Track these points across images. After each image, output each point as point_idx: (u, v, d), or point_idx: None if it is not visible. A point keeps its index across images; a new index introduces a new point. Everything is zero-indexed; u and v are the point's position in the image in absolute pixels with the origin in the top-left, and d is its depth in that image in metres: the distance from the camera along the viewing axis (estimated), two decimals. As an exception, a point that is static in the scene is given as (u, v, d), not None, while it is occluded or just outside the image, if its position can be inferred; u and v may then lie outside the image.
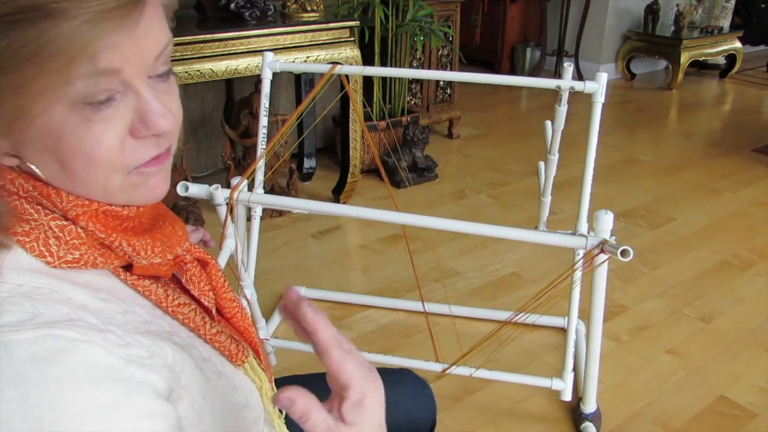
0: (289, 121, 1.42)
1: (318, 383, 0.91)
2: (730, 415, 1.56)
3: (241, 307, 0.66)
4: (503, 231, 1.19)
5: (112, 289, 0.53)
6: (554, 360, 1.73)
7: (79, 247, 0.51)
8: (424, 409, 0.91)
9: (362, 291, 2.04)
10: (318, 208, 1.28)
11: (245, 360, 0.62)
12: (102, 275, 0.54)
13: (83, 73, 0.44)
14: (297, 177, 2.63)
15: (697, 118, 3.92)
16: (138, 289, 0.55)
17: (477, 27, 4.80)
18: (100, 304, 0.50)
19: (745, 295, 2.06)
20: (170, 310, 0.56)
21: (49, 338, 0.43)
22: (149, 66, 0.49)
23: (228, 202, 1.27)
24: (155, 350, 0.50)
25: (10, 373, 0.41)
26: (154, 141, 0.51)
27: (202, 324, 0.58)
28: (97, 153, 0.47)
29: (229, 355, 0.60)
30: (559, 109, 1.57)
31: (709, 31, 4.51)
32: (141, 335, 0.50)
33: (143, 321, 0.53)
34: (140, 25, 0.46)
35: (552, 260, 2.19)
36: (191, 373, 0.53)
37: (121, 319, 0.51)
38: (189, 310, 0.58)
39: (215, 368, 0.58)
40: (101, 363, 0.44)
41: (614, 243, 1.12)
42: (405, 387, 0.91)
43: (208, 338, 0.59)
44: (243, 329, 0.66)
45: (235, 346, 0.61)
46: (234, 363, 0.61)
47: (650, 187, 2.88)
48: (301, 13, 2.32)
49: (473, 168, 3.06)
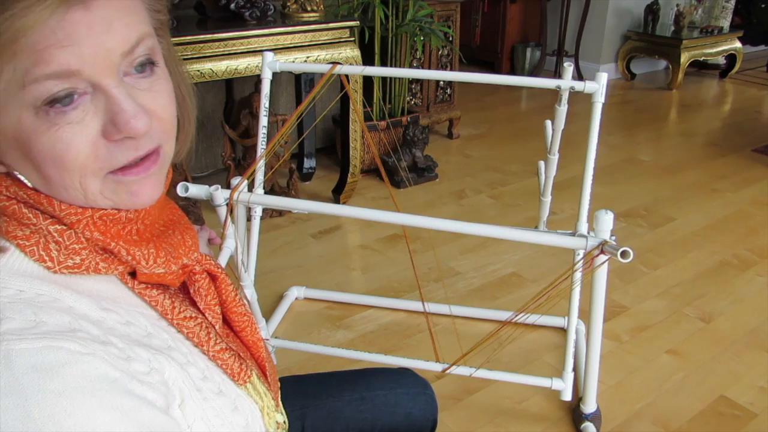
0: (289, 121, 1.42)
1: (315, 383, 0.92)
2: (730, 415, 1.56)
3: (251, 322, 0.65)
4: (503, 231, 1.19)
5: (118, 297, 0.52)
6: (554, 360, 1.73)
7: (80, 252, 0.50)
8: (425, 409, 0.91)
9: (362, 291, 2.04)
10: (318, 209, 1.28)
11: (248, 380, 0.60)
12: (108, 281, 0.52)
13: (36, 76, 0.42)
14: (297, 177, 2.63)
15: (697, 118, 3.92)
16: (144, 298, 0.54)
17: (477, 27, 4.79)
18: (102, 314, 0.49)
19: (745, 295, 2.06)
20: (175, 323, 0.55)
21: (52, 350, 0.42)
22: (116, 63, 0.46)
23: (228, 203, 1.27)
24: (155, 365, 0.49)
25: (10, 382, 0.40)
26: (132, 143, 0.48)
27: (207, 339, 0.57)
28: (67, 157, 0.45)
29: (232, 374, 0.59)
30: (559, 109, 1.57)
31: (709, 31, 4.51)
32: (141, 348, 0.49)
33: (145, 334, 0.52)
34: (96, 19, 0.44)
35: (552, 260, 2.19)
36: (188, 392, 0.52)
37: (123, 330, 0.50)
38: (194, 324, 0.56)
39: (215, 388, 0.56)
40: (104, 376, 0.44)
41: (614, 244, 1.12)
42: (406, 388, 0.91)
43: (211, 355, 0.57)
44: (251, 344, 0.65)
45: (239, 364, 0.59)
46: (236, 382, 0.59)
47: (650, 187, 2.88)
48: (301, 13, 2.32)
49: (473, 168, 3.06)
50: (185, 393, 0.52)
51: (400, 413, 0.88)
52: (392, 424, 0.88)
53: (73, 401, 0.41)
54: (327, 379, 0.91)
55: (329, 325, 1.87)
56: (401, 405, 0.89)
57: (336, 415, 0.86)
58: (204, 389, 0.54)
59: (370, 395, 0.88)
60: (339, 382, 0.90)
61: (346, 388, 0.89)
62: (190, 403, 0.52)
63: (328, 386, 0.89)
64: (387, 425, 0.87)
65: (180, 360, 0.53)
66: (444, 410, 1.54)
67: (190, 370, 0.54)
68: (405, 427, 0.89)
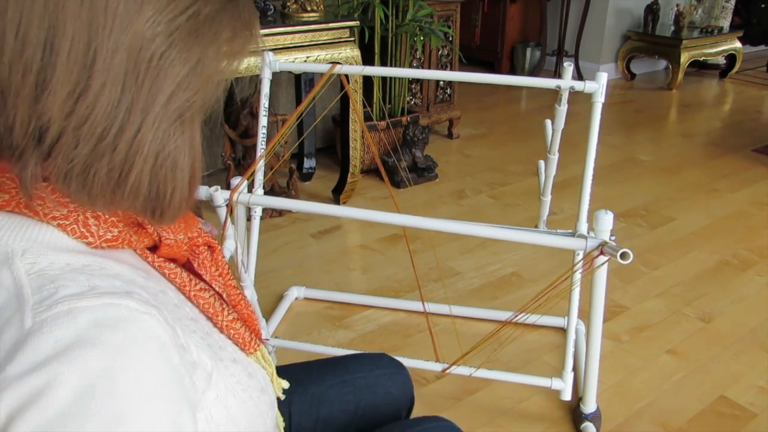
0: (289, 121, 1.42)
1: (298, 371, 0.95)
2: (730, 415, 1.56)
3: (244, 296, 0.68)
4: (503, 232, 1.19)
5: (146, 270, 0.55)
6: (554, 360, 1.73)
7: (117, 224, 0.52)
8: (402, 388, 0.96)
9: (362, 291, 2.04)
10: (318, 210, 1.28)
11: (257, 348, 0.63)
12: (133, 256, 0.55)
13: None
14: (297, 177, 2.63)
15: (697, 118, 3.92)
16: (164, 272, 0.56)
17: (477, 27, 4.80)
18: (144, 281, 0.52)
19: (745, 295, 2.06)
20: (192, 294, 0.57)
21: (113, 306, 0.44)
22: None
23: (228, 204, 1.27)
24: (188, 335, 0.52)
25: (75, 337, 0.42)
26: None
27: (221, 310, 0.59)
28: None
29: (243, 344, 0.61)
30: (559, 108, 1.57)
31: (709, 31, 4.51)
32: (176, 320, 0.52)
33: (174, 304, 0.54)
34: None
35: (552, 260, 2.19)
36: (211, 362, 0.54)
37: (162, 299, 0.52)
38: (209, 296, 0.59)
39: (231, 356, 0.59)
40: (157, 337, 0.46)
41: (614, 245, 1.12)
42: (383, 369, 0.96)
43: (224, 325, 0.59)
44: (246, 316, 0.68)
45: (249, 334, 0.62)
46: (246, 351, 0.62)
47: (650, 187, 2.88)
48: (301, 13, 2.32)
49: (473, 168, 3.06)
50: (208, 364, 0.54)
51: (380, 393, 0.93)
52: (374, 403, 0.93)
53: (128, 356, 0.43)
54: (308, 366, 0.95)
55: (329, 325, 1.87)
56: (380, 385, 0.94)
57: (320, 399, 0.90)
58: (224, 358, 0.57)
59: (350, 378, 0.93)
60: (320, 368, 0.94)
61: (327, 373, 0.93)
62: (214, 373, 0.54)
63: (310, 373, 0.93)
64: (369, 405, 0.92)
65: (200, 331, 0.56)
66: (444, 410, 1.54)
67: (209, 340, 0.56)
68: (386, 405, 0.94)
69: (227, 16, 0.49)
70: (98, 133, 0.45)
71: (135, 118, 0.46)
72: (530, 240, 1.20)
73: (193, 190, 0.52)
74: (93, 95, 0.44)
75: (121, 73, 0.45)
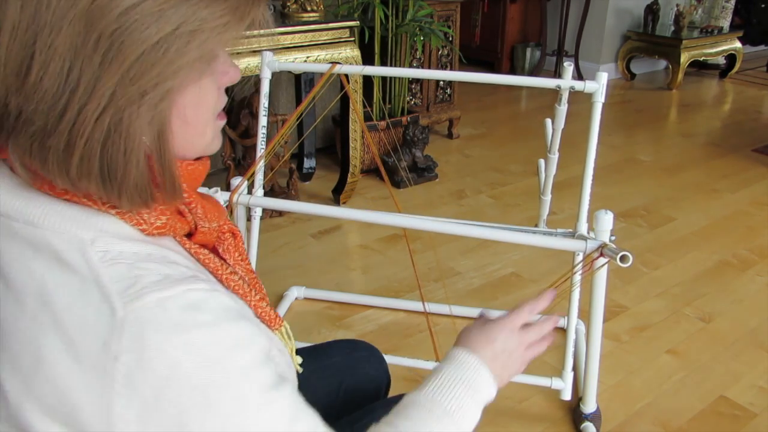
0: (289, 121, 1.42)
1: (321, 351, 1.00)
2: (730, 415, 1.56)
3: (259, 280, 0.71)
4: (503, 234, 1.20)
5: (185, 256, 0.57)
6: (554, 360, 1.73)
7: (165, 212, 0.55)
8: (379, 368, 1.02)
9: (362, 291, 2.04)
10: (318, 211, 1.28)
11: (282, 324, 0.67)
12: (173, 243, 0.57)
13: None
14: (297, 177, 2.63)
15: (696, 118, 3.92)
16: (199, 257, 0.58)
17: (477, 27, 4.79)
18: (194, 266, 0.55)
19: (745, 295, 2.06)
20: (224, 278, 0.59)
21: (190, 291, 0.50)
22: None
23: (228, 205, 1.27)
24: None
25: (171, 323, 0.47)
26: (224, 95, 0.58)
27: (249, 291, 0.62)
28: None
29: (269, 321, 0.64)
30: (559, 108, 1.57)
31: (709, 31, 4.51)
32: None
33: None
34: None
35: (552, 260, 2.19)
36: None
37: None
38: (238, 278, 0.61)
39: (266, 333, 0.62)
40: (233, 307, 0.52)
41: (614, 247, 1.12)
42: (359, 352, 1.02)
43: (253, 305, 0.62)
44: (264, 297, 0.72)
45: (273, 312, 0.65)
46: (272, 328, 0.65)
47: (650, 187, 2.88)
48: (301, 13, 2.32)
49: (473, 168, 3.06)
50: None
51: (360, 373, 0.99)
52: (355, 383, 0.98)
53: (221, 327, 0.50)
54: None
55: (329, 325, 1.87)
56: (359, 366, 1.00)
57: (304, 384, 0.92)
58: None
59: (330, 362, 0.99)
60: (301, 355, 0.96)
61: (308, 359, 0.95)
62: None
63: (323, 359, 0.99)
64: (350, 385, 0.98)
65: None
66: (444, 410, 1.54)
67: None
68: (365, 385, 1.00)
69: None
70: (46, 109, 0.46)
71: (81, 95, 0.45)
72: (530, 242, 1.20)
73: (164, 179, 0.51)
74: (36, 72, 0.45)
75: (66, 50, 0.44)
